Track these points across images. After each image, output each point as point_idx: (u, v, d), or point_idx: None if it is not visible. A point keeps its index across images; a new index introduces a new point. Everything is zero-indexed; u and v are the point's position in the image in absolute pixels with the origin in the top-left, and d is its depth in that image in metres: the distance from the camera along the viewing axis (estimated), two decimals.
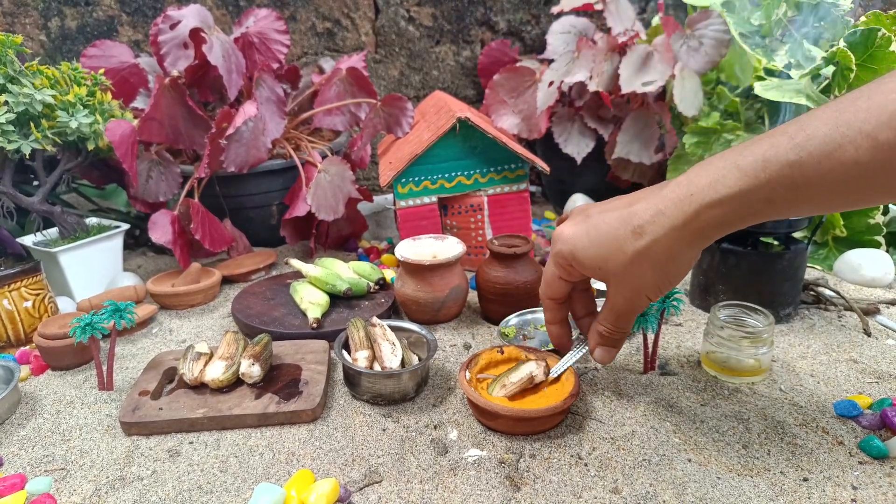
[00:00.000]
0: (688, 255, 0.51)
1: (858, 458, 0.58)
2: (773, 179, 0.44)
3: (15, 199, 0.92)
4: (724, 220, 0.47)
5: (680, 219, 0.49)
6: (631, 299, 0.55)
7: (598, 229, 0.54)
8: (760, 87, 0.96)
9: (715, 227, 0.48)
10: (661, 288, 0.54)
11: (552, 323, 0.65)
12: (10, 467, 0.61)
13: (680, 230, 0.49)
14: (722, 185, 0.46)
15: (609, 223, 0.53)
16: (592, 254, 0.54)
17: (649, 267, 0.52)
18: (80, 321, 0.70)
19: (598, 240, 0.54)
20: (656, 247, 0.50)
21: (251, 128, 1.03)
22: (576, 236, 0.56)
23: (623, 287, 0.55)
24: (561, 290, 0.62)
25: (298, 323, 0.84)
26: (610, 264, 0.53)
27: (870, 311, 0.85)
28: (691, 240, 0.50)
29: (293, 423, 0.66)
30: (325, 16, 1.39)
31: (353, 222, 1.20)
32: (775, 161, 0.44)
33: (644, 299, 0.55)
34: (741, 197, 0.46)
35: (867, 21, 0.96)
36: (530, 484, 0.56)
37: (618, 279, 0.54)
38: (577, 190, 1.28)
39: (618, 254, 0.52)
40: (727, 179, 0.46)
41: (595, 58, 1.16)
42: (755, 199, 0.46)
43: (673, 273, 0.53)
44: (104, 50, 1.08)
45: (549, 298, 0.63)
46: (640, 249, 0.51)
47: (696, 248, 0.51)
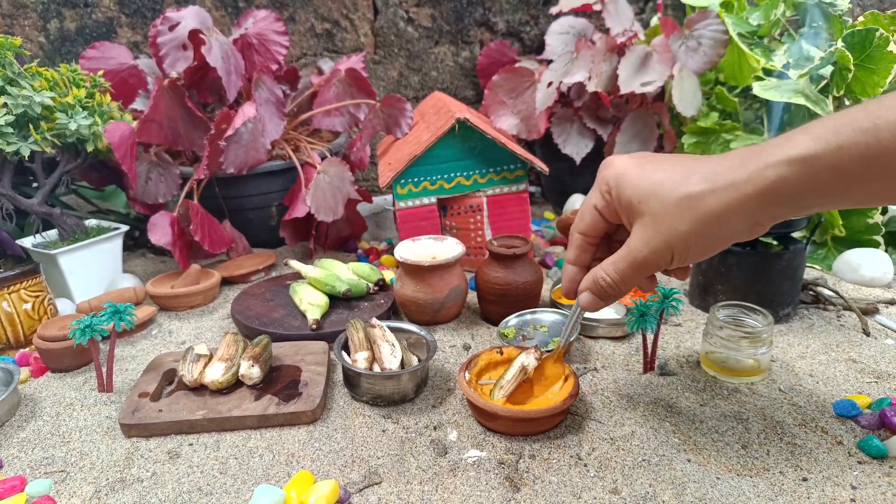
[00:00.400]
0: (736, 223, 0.46)
1: (857, 458, 0.58)
2: (844, 145, 0.41)
3: (14, 200, 0.92)
4: (787, 186, 0.44)
5: (742, 174, 0.45)
6: (655, 248, 0.49)
7: (654, 162, 0.50)
8: (759, 88, 0.96)
9: (776, 196, 0.44)
10: (692, 249, 0.48)
11: (571, 262, 0.58)
12: (9, 469, 0.61)
13: (739, 187, 0.45)
14: (789, 146, 0.43)
15: (669, 161, 0.49)
16: (638, 183, 0.49)
17: (692, 217, 0.47)
18: (80, 323, 0.70)
19: (650, 171, 0.49)
20: (710, 198, 0.46)
21: (250, 129, 1.03)
22: (627, 164, 0.51)
23: (654, 230, 0.49)
24: (592, 224, 0.55)
25: (298, 324, 0.84)
26: (652, 200, 0.48)
27: (869, 310, 0.85)
28: (747, 204, 0.45)
29: (293, 424, 0.66)
30: (324, 17, 1.39)
31: (353, 223, 1.20)
32: (848, 127, 0.42)
33: (666, 255, 0.49)
34: (810, 160, 0.43)
35: (865, 21, 0.97)
36: (530, 484, 0.56)
37: (653, 220, 0.48)
38: (576, 190, 1.28)
39: (665, 191, 0.47)
40: (795, 141, 0.43)
41: (594, 58, 1.16)
42: (823, 166, 0.42)
43: (711, 236, 0.47)
44: (103, 51, 1.08)
45: (577, 231, 0.56)
46: (692, 193, 0.46)
47: (748, 217, 0.46)
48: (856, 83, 0.93)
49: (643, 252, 0.50)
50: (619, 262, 0.52)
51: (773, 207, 0.45)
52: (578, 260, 0.57)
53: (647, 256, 0.50)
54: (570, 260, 0.58)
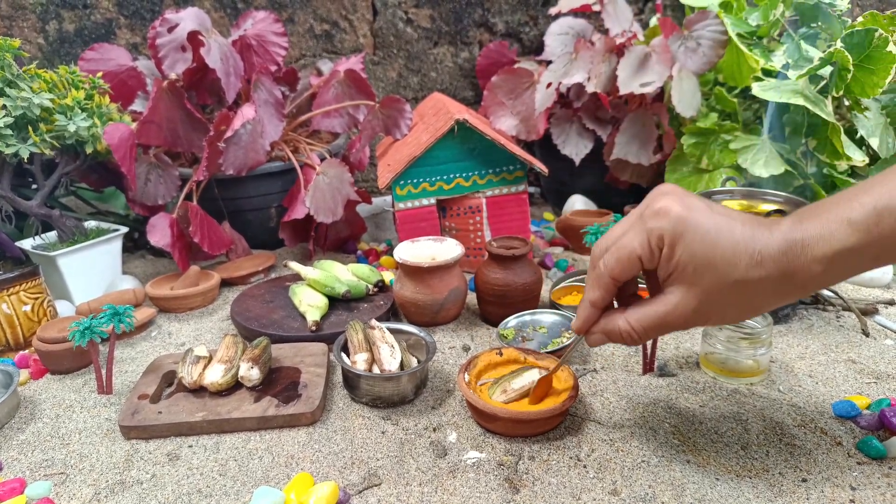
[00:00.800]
0: (777, 301, 0.48)
1: (857, 459, 0.58)
2: (885, 234, 0.42)
3: (13, 202, 0.92)
4: (828, 276, 0.45)
5: (794, 264, 0.45)
6: (691, 318, 0.49)
7: (720, 230, 0.46)
8: (758, 88, 0.96)
9: (815, 281, 0.46)
10: (727, 320, 0.51)
11: (596, 306, 0.54)
12: (9, 472, 0.61)
13: (788, 278, 0.46)
14: (835, 240, 0.44)
15: (732, 231, 0.46)
16: (699, 250, 0.46)
17: (742, 300, 0.47)
18: (80, 325, 0.70)
19: (716, 240, 0.46)
20: (764, 284, 0.46)
21: (249, 130, 1.03)
22: (690, 222, 0.47)
23: (699, 302, 0.48)
24: (632, 272, 0.51)
25: (297, 325, 0.84)
26: (709, 274, 0.47)
27: (868, 311, 0.85)
28: (793, 292, 0.47)
29: (292, 426, 0.66)
30: (324, 18, 1.39)
31: (352, 224, 1.20)
32: (888, 214, 0.42)
33: (697, 324, 0.50)
34: (851, 253, 0.44)
35: (864, 21, 0.97)
36: (529, 486, 0.56)
37: (702, 292, 0.47)
38: (575, 191, 1.28)
39: (727, 268, 0.46)
40: (838, 234, 0.44)
41: (593, 59, 1.16)
42: (865, 257, 0.44)
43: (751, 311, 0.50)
44: (102, 53, 1.08)
45: (611, 276, 0.51)
46: (751, 279, 0.46)
47: (788, 297, 0.48)
48: (855, 84, 0.93)
49: (678, 317, 0.49)
50: (646, 320, 0.51)
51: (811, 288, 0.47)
52: (603, 302, 0.54)
53: (679, 321, 0.49)
54: (595, 303, 0.54)
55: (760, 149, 1.01)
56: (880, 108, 1.02)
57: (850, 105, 1.00)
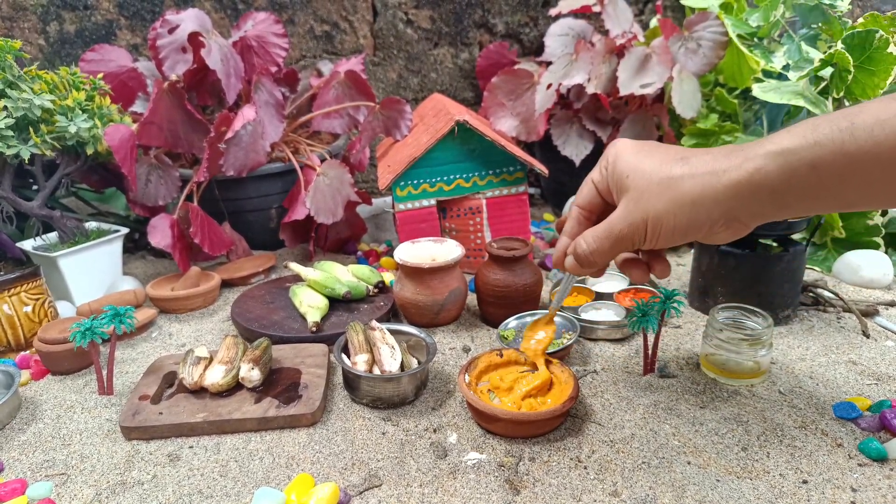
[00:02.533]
0: (711, 210, 0.48)
1: (858, 460, 0.58)
2: (820, 141, 0.43)
3: (14, 203, 0.92)
4: (765, 179, 0.45)
5: (723, 164, 0.47)
6: (631, 222, 0.52)
7: (651, 147, 0.53)
8: (758, 89, 0.96)
9: (753, 187, 0.46)
10: (664, 229, 0.51)
11: (566, 234, 0.61)
12: (10, 472, 0.61)
13: (717, 175, 0.47)
14: (770, 141, 0.46)
15: (664, 148, 0.52)
16: (631, 161, 0.52)
17: (669, 196, 0.49)
18: (80, 326, 0.70)
19: (644, 154, 0.52)
20: (687, 181, 0.48)
21: (250, 131, 1.03)
22: (628, 145, 0.54)
23: (634, 205, 0.51)
24: (588, 197, 0.58)
25: (298, 326, 0.84)
26: (637, 177, 0.51)
27: (868, 312, 0.85)
28: (723, 192, 0.47)
29: (293, 426, 0.66)
30: (324, 19, 1.40)
31: (352, 225, 1.20)
32: (825, 125, 0.43)
33: (640, 230, 0.52)
34: (786, 153, 0.44)
35: (865, 23, 0.97)
36: (530, 487, 0.56)
37: (635, 195, 0.51)
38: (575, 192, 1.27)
39: (650, 170, 0.51)
40: (775, 138, 0.46)
41: (593, 60, 1.16)
42: (800, 161, 0.44)
43: (685, 219, 0.49)
44: (103, 54, 1.09)
45: (575, 204, 0.60)
46: (673, 175, 0.49)
47: (723, 206, 0.48)
48: (856, 85, 0.93)
49: (619, 224, 0.53)
50: (597, 231, 0.55)
51: (751, 201, 0.47)
52: (573, 232, 0.60)
53: (623, 229, 0.53)
54: (566, 231, 0.61)
55: None
56: None
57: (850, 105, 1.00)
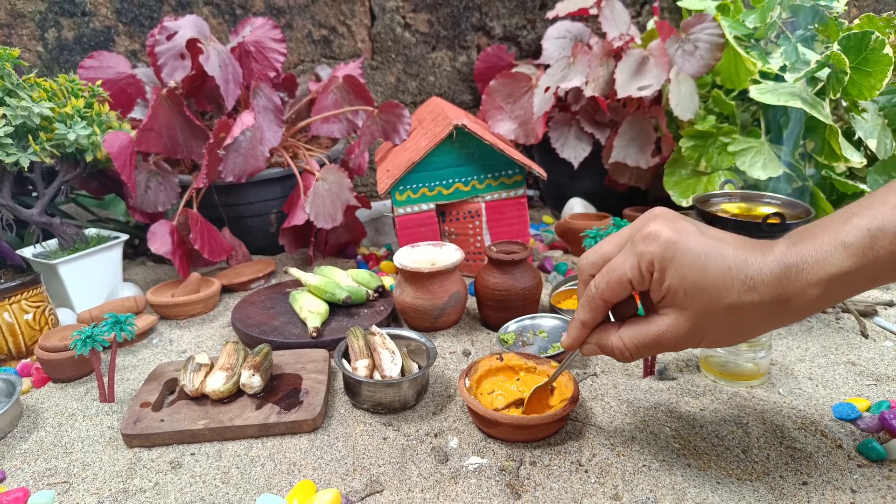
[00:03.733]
0: (770, 325, 0.49)
1: (857, 462, 0.58)
2: (881, 257, 0.42)
3: (14, 211, 0.92)
4: (824, 300, 0.45)
5: (788, 290, 0.45)
6: (683, 341, 0.49)
7: (709, 254, 0.47)
8: (755, 91, 0.97)
9: (811, 306, 0.46)
10: (720, 344, 0.52)
11: (587, 326, 0.54)
12: (12, 481, 0.61)
13: (783, 305, 0.46)
14: (830, 264, 0.44)
15: (724, 255, 0.47)
16: (689, 274, 0.47)
17: (735, 323, 0.48)
18: (81, 334, 0.70)
19: (706, 264, 0.46)
20: (756, 310, 0.46)
21: (249, 137, 1.03)
22: (680, 246, 0.47)
23: (691, 325, 0.48)
24: (622, 295, 0.51)
25: (298, 332, 0.84)
26: (700, 298, 0.47)
27: (867, 312, 0.85)
28: (787, 318, 0.47)
29: (294, 433, 0.66)
30: (322, 23, 1.40)
31: (352, 229, 1.20)
32: (884, 236, 0.42)
33: (690, 345, 0.50)
34: (848, 277, 0.44)
35: (861, 24, 0.97)
36: (531, 491, 0.56)
37: (694, 316, 0.48)
38: (574, 194, 1.28)
39: (718, 292, 0.46)
40: (833, 258, 0.44)
41: (591, 63, 1.16)
42: (862, 280, 0.44)
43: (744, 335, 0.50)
44: (101, 61, 1.09)
45: (602, 299, 0.52)
46: (744, 304, 0.46)
47: (782, 321, 0.48)
48: (852, 86, 0.94)
49: (671, 338, 0.50)
50: (639, 339, 0.51)
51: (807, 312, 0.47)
52: (594, 322, 0.54)
53: (671, 343, 0.50)
54: (585, 323, 0.54)
55: (758, 151, 1.01)
56: (878, 110, 1.02)
57: (847, 107, 1.01)
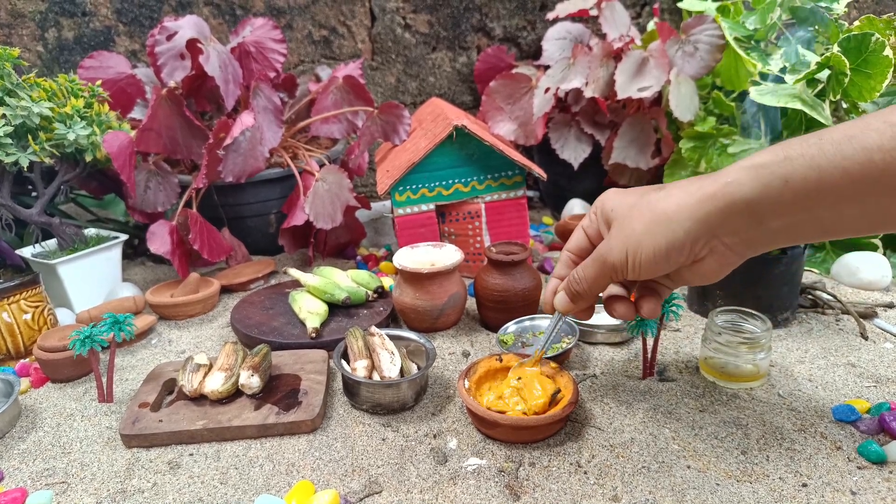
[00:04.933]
0: (689, 227, 0.49)
1: (857, 463, 0.58)
2: (791, 156, 0.45)
3: (13, 210, 0.92)
4: (739, 190, 0.46)
5: (697, 183, 0.49)
6: (613, 247, 0.53)
7: (641, 189, 0.55)
8: (755, 92, 0.96)
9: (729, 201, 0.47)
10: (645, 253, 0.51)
11: (557, 276, 0.63)
12: (10, 481, 0.61)
13: (692, 192, 0.49)
14: (743, 161, 0.48)
15: (648, 187, 0.55)
16: (615, 198, 0.55)
17: (648, 217, 0.51)
18: (80, 334, 0.70)
19: (627, 192, 0.55)
20: (663, 200, 0.50)
21: (248, 137, 1.03)
22: (617, 191, 0.57)
23: (616, 231, 0.54)
24: (578, 242, 0.60)
25: (297, 332, 0.84)
26: (619, 208, 0.54)
27: (867, 314, 0.85)
28: (698, 208, 0.48)
29: (293, 433, 0.66)
30: (322, 24, 1.40)
31: (352, 230, 1.20)
32: (797, 142, 0.45)
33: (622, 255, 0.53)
34: (758, 167, 0.46)
35: (861, 25, 0.97)
36: (530, 492, 0.56)
37: (617, 224, 0.54)
38: (574, 195, 1.28)
39: (633, 199, 0.53)
40: (748, 158, 0.48)
41: (591, 64, 1.16)
42: (772, 174, 0.45)
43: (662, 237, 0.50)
44: (101, 61, 1.09)
45: (566, 249, 0.62)
46: (650, 198, 0.52)
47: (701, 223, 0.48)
48: (852, 87, 0.93)
49: (607, 254, 0.54)
50: (587, 264, 0.57)
51: (726, 215, 0.48)
52: (562, 275, 0.62)
53: (608, 258, 0.54)
54: (556, 275, 0.63)
55: None
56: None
57: (847, 108, 1.01)
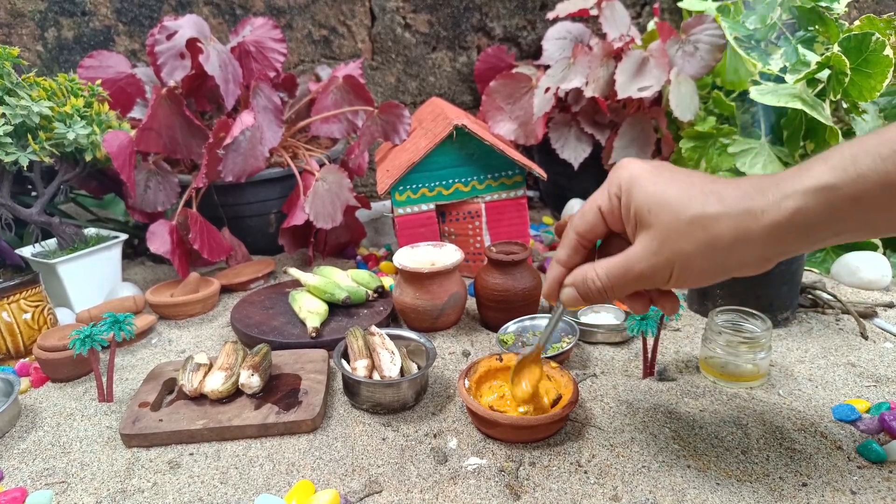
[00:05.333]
0: (746, 253, 0.44)
1: (857, 463, 0.58)
2: (863, 174, 0.40)
3: (13, 210, 0.92)
4: (806, 218, 0.42)
5: (760, 202, 0.43)
6: (655, 263, 0.47)
7: (671, 173, 0.47)
8: (756, 92, 0.97)
9: (793, 228, 0.42)
10: (693, 272, 0.46)
11: (561, 262, 0.54)
12: (10, 481, 0.61)
13: (756, 216, 0.43)
14: (807, 176, 0.42)
15: (686, 175, 0.47)
16: (653, 191, 0.46)
17: (702, 238, 0.44)
18: (80, 333, 0.70)
19: (665, 182, 0.46)
20: (723, 222, 0.43)
21: (248, 137, 1.03)
22: (644, 169, 0.48)
23: (659, 244, 0.46)
24: (593, 225, 0.51)
25: (297, 332, 0.84)
26: (664, 213, 0.45)
27: (867, 314, 0.85)
28: (761, 235, 0.43)
29: (293, 433, 0.66)
30: (322, 23, 1.40)
31: (352, 229, 1.20)
32: (867, 155, 0.40)
33: (665, 273, 0.47)
34: (828, 190, 0.41)
35: (861, 25, 0.97)
36: (530, 492, 0.56)
37: (661, 233, 0.46)
38: (574, 195, 1.28)
39: (679, 206, 0.45)
40: (813, 171, 0.42)
41: (591, 63, 1.16)
42: (843, 196, 0.41)
43: (717, 263, 0.45)
44: (101, 60, 1.09)
45: (575, 231, 0.52)
46: (707, 214, 0.44)
47: (759, 249, 0.44)
48: (852, 87, 0.94)
49: (642, 264, 0.47)
50: (613, 268, 0.49)
51: (786, 241, 0.43)
52: (569, 261, 0.54)
53: (645, 269, 0.47)
54: (560, 260, 0.54)
55: (759, 152, 1.01)
56: (878, 111, 1.02)
57: (847, 108, 1.01)
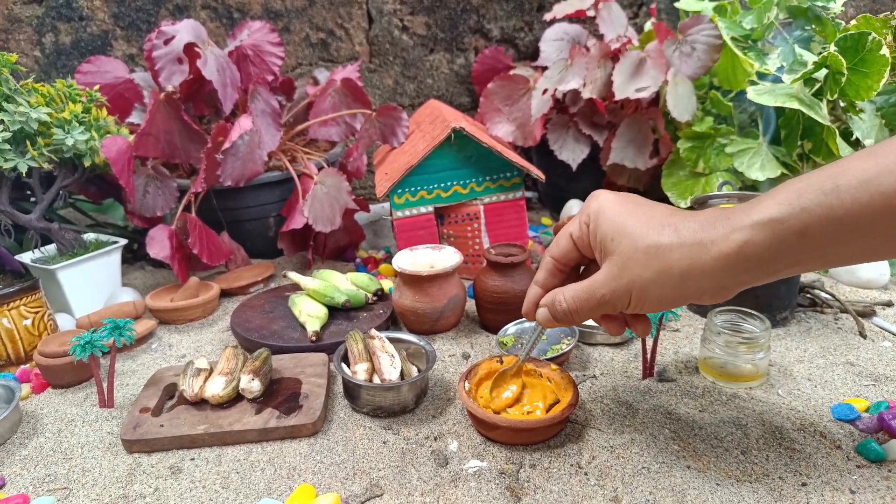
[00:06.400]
0: (700, 282, 0.47)
1: (856, 462, 0.58)
2: (807, 207, 0.42)
3: (12, 216, 0.92)
4: (754, 250, 0.44)
5: (711, 235, 0.45)
6: (615, 289, 0.50)
7: (636, 205, 0.51)
8: (753, 92, 0.97)
9: (742, 259, 0.44)
10: (649, 299, 0.49)
11: (538, 284, 0.58)
12: (12, 487, 0.61)
13: (706, 247, 0.45)
14: (755, 210, 0.44)
15: (648, 206, 0.51)
16: (615, 221, 0.50)
17: (656, 267, 0.47)
18: (80, 339, 0.70)
19: (627, 212, 0.50)
20: (676, 252, 0.47)
21: (247, 141, 1.03)
22: (610, 201, 0.52)
23: (618, 271, 0.50)
24: (565, 251, 0.56)
25: (297, 336, 0.84)
26: (623, 242, 0.49)
27: (865, 313, 0.86)
28: (712, 266, 0.45)
29: (294, 437, 0.66)
30: (319, 26, 1.40)
31: (351, 232, 1.20)
32: (811, 190, 0.42)
33: (624, 298, 0.50)
34: (774, 224, 0.43)
35: (857, 25, 0.97)
36: (531, 494, 0.56)
37: (620, 260, 0.49)
38: (573, 196, 1.28)
39: (637, 235, 0.48)
40: (761, 206, 0.44)
41: (588, 65, 1.17)
42: (789, 230, 0.43)
43: (672, 290, 0.48)
44: (99, 66, 1.09)
45: (550, 255, 0.57)
46: (661, 244, 0.47)
47: (713, 279, 0.46)
48: (849, 87, 0.94)
49: (602, 289, 0.51)
50: (578, 292, 0.53)
51: (740, 272, 0.45)
52: (545, 283, 0.58)
53: (606, 294, 0.51)
54: (538, 282, 0.59)
55: (756, 152, 1.01)
56: (875, 110, 1.02)
57: (844, 107, 1.01)
